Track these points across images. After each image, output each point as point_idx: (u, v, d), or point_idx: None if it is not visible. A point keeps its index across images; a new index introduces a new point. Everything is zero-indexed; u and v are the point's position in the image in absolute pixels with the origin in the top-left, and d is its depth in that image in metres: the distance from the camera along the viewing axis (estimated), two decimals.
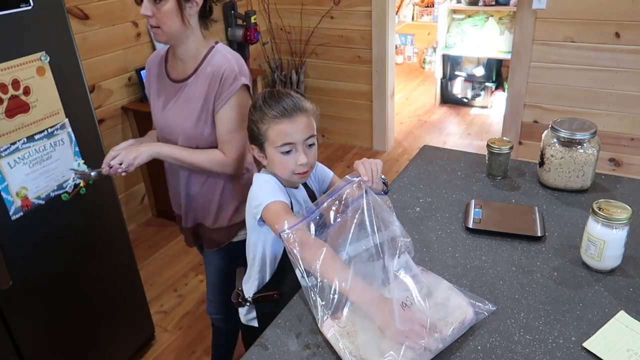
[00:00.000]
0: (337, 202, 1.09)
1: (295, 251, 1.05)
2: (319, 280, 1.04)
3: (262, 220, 1.22)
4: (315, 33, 3.71)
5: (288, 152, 1.20)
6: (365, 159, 1.14)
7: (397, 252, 1.07)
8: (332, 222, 1.08)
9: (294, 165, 1.21)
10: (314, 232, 1.09)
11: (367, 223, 1.05)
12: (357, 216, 1.06)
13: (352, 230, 1.06)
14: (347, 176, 1.13)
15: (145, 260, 2.77)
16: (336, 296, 1.02)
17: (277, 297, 1.31)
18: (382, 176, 1.23)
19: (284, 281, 1.30)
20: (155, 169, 2.99)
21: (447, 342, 0.98)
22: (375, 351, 0.93)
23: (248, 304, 1.38)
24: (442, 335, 0.97)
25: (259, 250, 1.32)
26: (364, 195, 1.08)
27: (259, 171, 1.34)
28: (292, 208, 1.26)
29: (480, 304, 1.05)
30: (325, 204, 1.09)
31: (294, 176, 1.23)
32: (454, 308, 1.01)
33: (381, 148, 3.89)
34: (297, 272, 1.05)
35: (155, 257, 2.81)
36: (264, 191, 1.22)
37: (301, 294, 1.13)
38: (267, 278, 1.34)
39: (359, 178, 1.10)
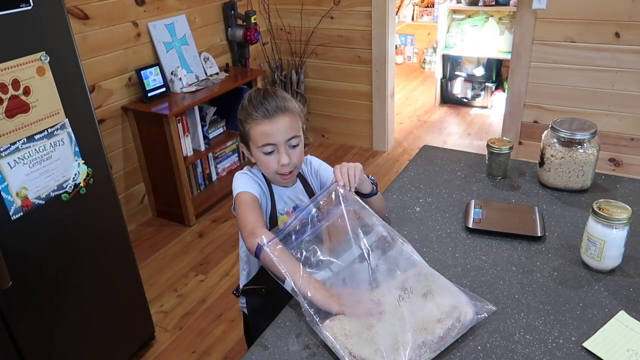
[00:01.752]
0: (315, 210, 1.09)
1: (271, 269, 1.07)
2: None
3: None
4: (315, 33, 3.71)
5: (270, 152, 1.22)
6: (344, 163, 1.14)
7: (390, 247, 1.07)
8: (309, 232, 1.09)
9: (276, 165, 1.22)
10: (294, 241, 1.09)
11: (349, 230, 1.06)
12: (337, 225, 1.07)
13: (334, 240, 1.06)
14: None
15: (145, 260, 2.77)
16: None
17: (265, 292, 1.32)
18: (371, 177, 1.25)
19: (269, 276, 1.31)
20: (155, 168, 3.00)
21: (447, 342, 0.98)
22: (374, 351, 0.93)
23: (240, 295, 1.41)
24: (441, 335, 0.97)
25: (242, 242, 1.33)
26: (341, 201, 1.08)
27: None
28: (273, 204, 1.29)
29: (480, 304, 1.05)
30: (301, 215, 1.10)
31: (277, 176, 1.25)
32: (453, 307, 1.01)
33: (381, 148, 3.89)
34: (285, 284, 1.06)
35: (155, 257, 2.81)
36: (239, 180, 1.27)
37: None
38: (255, 271, 1.35)
39: (335, 183, 1.11)
